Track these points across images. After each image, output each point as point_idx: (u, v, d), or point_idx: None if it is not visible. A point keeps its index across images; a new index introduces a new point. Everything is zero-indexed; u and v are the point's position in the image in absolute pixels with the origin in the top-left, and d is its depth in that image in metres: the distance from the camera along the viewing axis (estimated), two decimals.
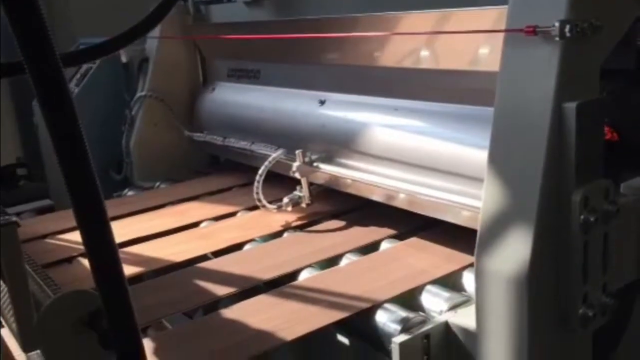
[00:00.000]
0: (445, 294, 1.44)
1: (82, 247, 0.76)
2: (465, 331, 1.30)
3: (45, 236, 2.01)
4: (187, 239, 1.93)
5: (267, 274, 1.62)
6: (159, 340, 1.35)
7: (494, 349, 1.23)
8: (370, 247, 1.75)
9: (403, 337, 1.28)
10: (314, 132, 2.00)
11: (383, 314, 1.39)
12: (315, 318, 1.37)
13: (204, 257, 1.79)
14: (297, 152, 1.94)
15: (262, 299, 1.50)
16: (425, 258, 1.62)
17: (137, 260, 1.79)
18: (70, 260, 1.82)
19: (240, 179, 2.39)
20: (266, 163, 1.96)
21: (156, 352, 1.30)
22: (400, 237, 1.78)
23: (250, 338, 1.33)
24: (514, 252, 1.16)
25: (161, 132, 2.65)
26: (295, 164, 1.94)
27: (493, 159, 1.22)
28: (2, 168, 4.41)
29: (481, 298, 1.24)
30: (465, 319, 1.32)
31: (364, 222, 1.89)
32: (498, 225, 1.20)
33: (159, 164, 2.65)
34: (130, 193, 2.53)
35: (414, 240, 1.73)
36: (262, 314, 1.42)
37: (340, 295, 1.46)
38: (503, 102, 1.21)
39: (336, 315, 1.38)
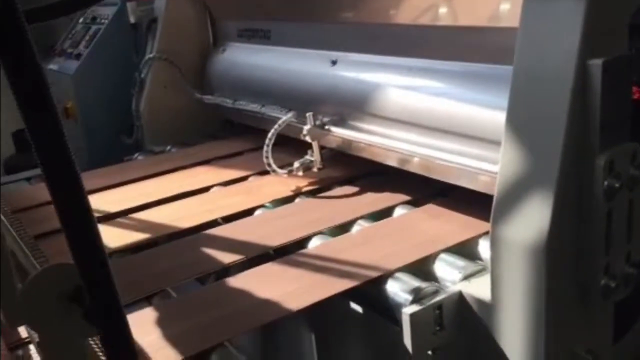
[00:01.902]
0: (460, 262, 1.38)
1: None
2: (480, 302, 1.24)
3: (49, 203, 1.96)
4: (196, 204, 1.88)
5: (277, 241, 1.57)
6: (162, 309, 1.31)
7: (509, 322, 1.18)
8: (383, 214, 1.69)
9: (414, 308, 1.23)
10: (326, 93, 1.93)
11: (394, 283, 1.34)
12: (323, 287, 1.32)
13: (213, 223, 1.75)
14: (307, 114, 1.87)
15: (270, 267, 1.45)
16: (440, 225, 1.55)
17: (144, 226, 1.75)
18: None
19: (252, 143, 2.32)
20: (275, 126, 1.89)
21: (159, 321, 1.26)
22: (415, 203, 1.72)
23: (255, 307, 1.28)
24: (532, 219, 1.09)
25: (171, 95, 2.59)
26: (306, 127, 1.87)
27: (511, 121, 1.14)
28: (17, 132, 4.42)
29: (496, 268, 1.18)
30: (479, 289, 1.26)
31: (377, 188, 1.83)
32: (516, 191, 1.13)
33: (169, 128, 2.60)
34: (140, 157, 2.48)
35: (429, 206, 1.67)
36: (270, 283, 1.37)
37: (350, 264, 1.41)
38: (523, 59, 1.13)
39: (345, 285, 1.33)
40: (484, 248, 1.43)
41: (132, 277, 1.47)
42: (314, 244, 1.57)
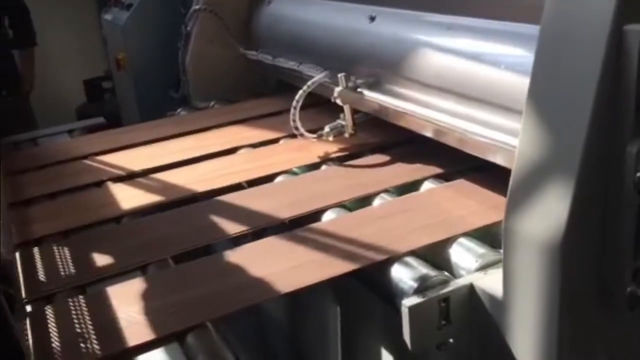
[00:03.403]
0: (480, 249, 1.23)
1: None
2: (491, 297, 1.11)
3: (79, 158, 1.95)
4: (219, 167, 1.81)
5: (291, 212, 1.47)
6: (152, 281, 1.25)
7: (520, 322, 1.04)
8: (410, 187, 1.55)
9: (415, 300, 1.10)
10: (362, 53, 1.78)
11: (400, 269, 1.21)
12: (321, 268, 1.22)
13: (231, 187, 1.66)
14: (339, 75, 1.73)
15: (274, 241, 1.35)
16: (466, 204, 1.40)
17: (161, 187, 1.70)
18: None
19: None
20: (304, 87, 1.77)
21: (144, 293, 1.20)
22: (446, 177, 1.57)
23: (245, 286, 1.20)
24: (548, 212, 0.94)
25: (217, 50, 2.51)
26: (337, 89, 1.74)
27: (533, 94, 0.98)
28: (87, 80, 4.50)
29: (509, 262, 1.03)
30: (493, 282, 1.12)
31: (410, 158, 1.68)
32: (533, 177, 0.98)
33: (215, 83, 2.53)
34: (182, 113, 2.43)
35: (459, 182, 1.51)
36: (268, 258, 1.28)
37: (358, 243, 1.29)
38: (550, 22, 0.95)
39: (345, 267, 1.21)
40: None
41: (135, 242, 1.42)
42: (328, 217, 1.46)
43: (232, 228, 1.42)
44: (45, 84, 4.50)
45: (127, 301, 1.17)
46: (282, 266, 1.24)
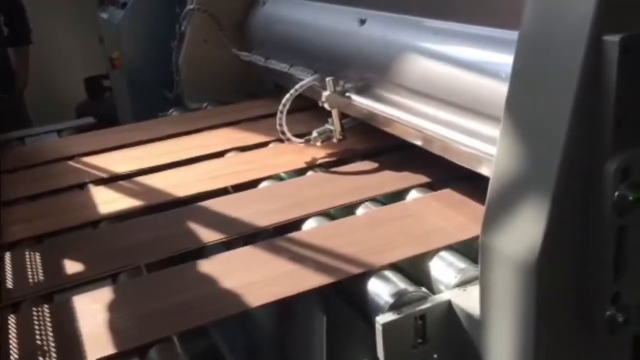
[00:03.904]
0: (460, 264, 1.19)
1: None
2: (468, 315, 1.06)
3: (65, 159, 1.92)
4: (204, 170, 1.77)
5: (273, 219, 1.43)
6: (120, 290, 1.21)
7: (497, 342, 0.99)
8: (396, 196, 1.51)
9: (389, 317, 1.06)
10: (351, 56, 1.74)
11: (378, 283, 1.17)
12: (294, 281, 1.17)
13: (215, 192, 1.63)
14: (327, 79, 1.69)
15: (249, 251, 1.31)
16: (451, 215, 1.35)
17: (143, 191, 1.66)
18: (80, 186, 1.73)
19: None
20: (292, 91, 1.73)
21: (111, 303, 1.16)
22: (432, 186, 1.52)
23: (214, 298, 1.15)
24: (523, 230, 0.89)
25: (211, 50, 2.47)
26: (325, 94, 1.69)
27: (511, 104, 0.93)
28: (88, 78, 4.48)
29: (486, 279, 0.99)
30: (471, 299, 1.07)
31: (398, 165, 1.63)
32: (510, 191, 0.93)
33: (208, 84, 2.49)
34: (174, 114, 2.40)
35: (445, 192, 1.46)
36: (243, 269, 1.24)
37: (336, 255, 1.24)
38: (528, 31, 0.90)
39: (319, 280, 1.17)
40: None
41: (110, 248, 1.38)
42: (310, 225, 1.42)
43: (210, 236, 1.39)
44: (46, 82, 4.50)
45: (92, 312, 1.13)
46: (255, 277, 1.20)
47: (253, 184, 1.66)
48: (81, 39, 4.74)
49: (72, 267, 1.31)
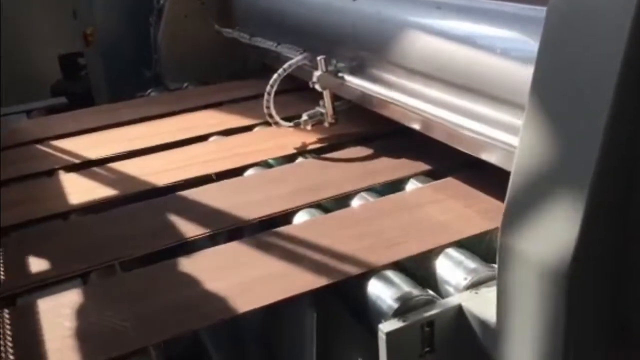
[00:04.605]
0: (471, 263, 1.07)
1: None
2: (482, 323, 0.95)
3: (32, 142, 1.77)
4: (186, 156, 1.64)
5: (261, 211, 1.31)
6: (91, 292, 1.09)
7: (516, 355, 0.88)
8: (394, 185, 1.39)
9: (394, 324, 0.95)
10: (344, 33, 1.60)
11: (379, 285, 1.05)
12: (285, 283, 1.06)
13: (203, 179, 1.50)
14: (318, 58, 1.56)
15: (236, 248, 1.19)
16: (456, 207, 1.24)
17: (118, 179, 1.53)
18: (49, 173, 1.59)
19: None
20: (280, 71, 1.60)
21: (82, 308, 1.03)
22: (433, 174, 1.40)
23: (194, 303, 1.03)
24: (554, 230, 0.78)
25: (192, 26, 2.33)
26: (316, 74, 1.57)
27: (537, 87, 0.81)
28: (63, 56, 4.28)
29: (505, 283, 0.87)
30: (486, 304, 0.96)
31: (395, 151, 1.52)
32: (536, 187, 0.81)
33: (189, 62, 2.36)
34: (153, 94, 2.25)
35: (448, 181, 1.35)
36: (229, 269, 1.12)
37: (332, 253, 1.13)
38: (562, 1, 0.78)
39: (313, 283, 1.05)
40: None
41: (81, 243, 1.26)
42: (302, 218, 1.30)
43: (192, 230, 1.26)
44: (19, 59, 4.30)
45: (57, 318, 1.01)
46: (242, 278, 1.08)
47: (238, 171, 1.54)
48: (56, 14, 4.53)
49: (37, 265, 1.18)
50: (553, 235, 0.77)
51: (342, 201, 1.36)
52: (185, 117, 1.93)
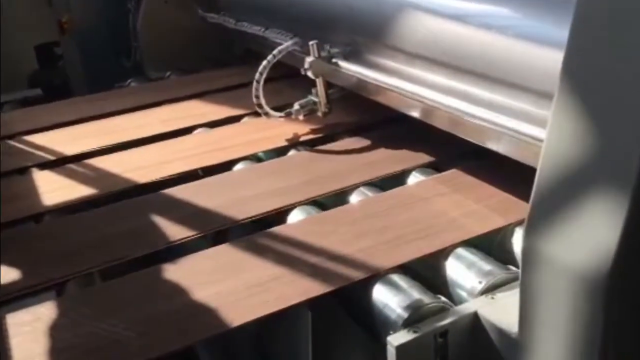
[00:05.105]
0: (485, 265, 0.98)
1: None
2: (501, 332, 0.86)
3: (4, 138, 1.66)
4: (171, 151, 1.54)
5: (252, 210, 1.21)
6: (65, 304, 0.98)
7: None
8: (395, 178, 1.30)
9: (405, 336, 0.86)
10: (337, 16, 1.50)
11: (385, 291, 0.96)
12: (280, 292, 0.96)
13: (189, 175, 1.40)
14: (310, 43, 1.46)
15: (226, 252, 1.09)
16: (463, 202, 1.15)
17: (96, 177, 1.42)
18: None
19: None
20: (269, 57, 1.49)
21: (55, 324, 0.93)
22: (436, 166, 1.31)
23: (181, 316, 0.93)
24: (590, 234, 0.68)
25: (173, 11, 2.23)
26: (308, 60, 1.46)
27: (569, 70, 0.71)
28: (39, 45, 4.13)
29: (529, 292, 0.78)
30: (504, 311, 0.88)
31: (393, 143, 1.43)
32: (567, 186, 0.72)
33: (171, 50, 2.26)
34: (133, 84, 2.14)
35: (453, 173, 1.26)
36: (218, 275, 1.02)
37: (331, 255, 1.03)
38: None
39: (311, 291, 0.95)
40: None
41: (56, 249, 1.15)
42: (296, 217, 1.20)
43: (177, 232, 1.16)
44: None
45: (29, 337, 0.90)
46: (233, 286, 0.98)
47: (226, 166, 1.44)
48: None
49: (7, 274, 1.07)
50: (590, 239, 0.68)
51: (339, 197, 1.26)
52: (168, 108, 1.82)
